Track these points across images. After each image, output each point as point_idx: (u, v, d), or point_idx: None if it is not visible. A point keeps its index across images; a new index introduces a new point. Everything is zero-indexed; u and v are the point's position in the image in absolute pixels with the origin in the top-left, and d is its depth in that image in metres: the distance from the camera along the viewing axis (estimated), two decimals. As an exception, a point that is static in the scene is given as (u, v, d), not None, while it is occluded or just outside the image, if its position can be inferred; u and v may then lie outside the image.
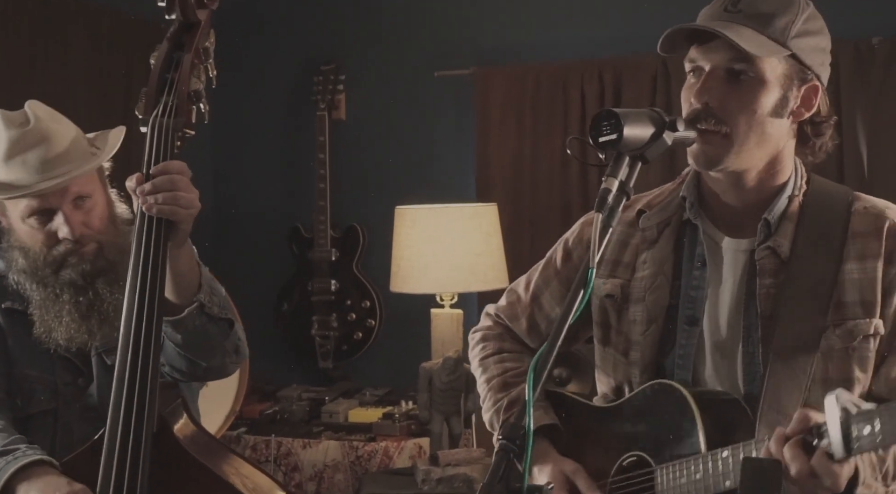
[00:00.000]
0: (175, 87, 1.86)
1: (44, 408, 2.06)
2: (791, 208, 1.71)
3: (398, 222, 3.76)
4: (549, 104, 4.09)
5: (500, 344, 1.99)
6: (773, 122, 1.65)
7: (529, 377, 1.38)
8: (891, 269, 1.65)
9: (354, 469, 3.74)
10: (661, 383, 1.72)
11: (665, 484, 1.64)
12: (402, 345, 4.28)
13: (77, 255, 2.02)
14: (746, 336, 1.70)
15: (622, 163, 1.49)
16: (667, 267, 1.78)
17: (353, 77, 4.43)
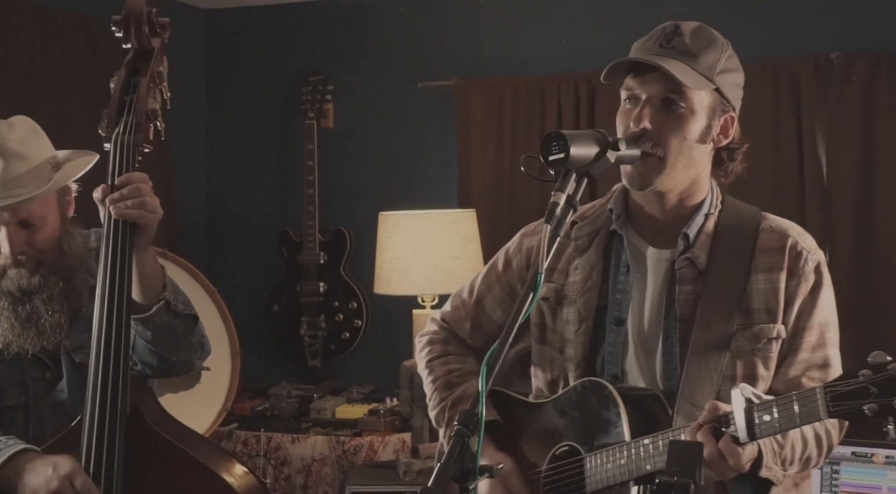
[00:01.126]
0: (134, 107, 2.00)
1: (15, 402, 2.14)
2: (707, 225, 1.89)
3: (381, 226, 3.88)
4: (527, 115, 4.19)
5: (445, 347, 2.13)
6: (699, 147, 1.83)
7: (483, 370, 1.51)
8: (791, 281, 1.84)
9: (341, 463, 3.85)
10: (591, 380, 1.88)
11: (593, 470, 1.81)
12: (386, 344, 4.38)
13: (15, 269, 2.09)
14: (666, 337, 1.86)
15: (569, 179, 1.66)
16: (596, 273, 1.95)
17: (340, 88, 4.53)
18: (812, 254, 1.87)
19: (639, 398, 1.84)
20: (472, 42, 4.40)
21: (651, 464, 1.72)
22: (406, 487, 3.41)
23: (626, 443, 1.76)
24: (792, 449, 1.74)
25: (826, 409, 1.51)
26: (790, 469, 1.75)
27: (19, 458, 1.93)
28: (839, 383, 1.51)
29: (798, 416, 1.55)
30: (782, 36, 3.90)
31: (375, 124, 4.57)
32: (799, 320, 1.84)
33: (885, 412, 1.45)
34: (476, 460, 1.51)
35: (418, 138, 4.50)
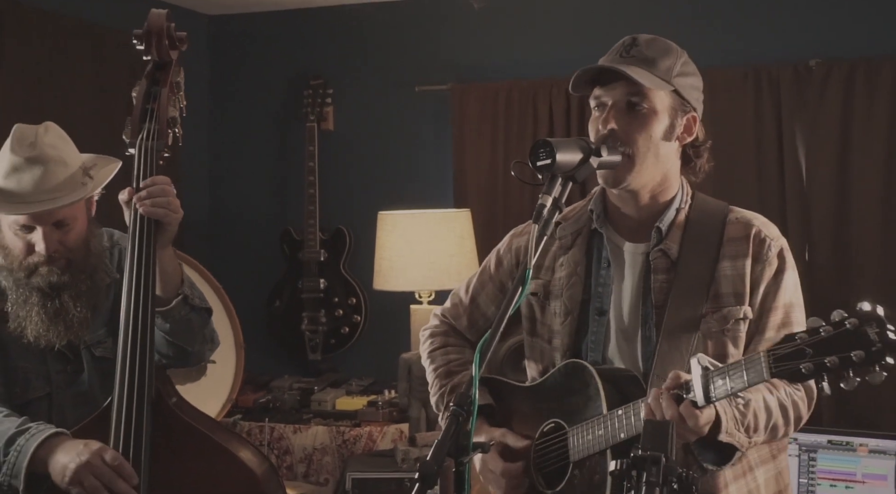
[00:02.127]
0: (155, 115, 2.15)
1: (39, 394, 2.27)
2: (678, 219, 2.03)
3: (380, 225, 3.99)
4: (520, 118, 4.28)
5: (445, 339, 2.30)
6: (665, 144, 1.98)
7: (476, 357, 1.66)
8: (756, 266, 1.98)
9: (341, 452, 3.95)
10: (573, 362, 2.04)
11: (576, 442, 1.96)
12: (385, 339, 4.49)
13: (47, 266, 2.21)
14: (644, 323, 2.01)
15: (556, 183, 1.79)
16: (580, 268, 2.09)
17: (340, 91, 4.63)
18: (775, 241, 2.01)
19: (617, 377, 1.99)
20: (468, 48, 4.51)
21: (625, 432, 1.87)
22: (404, 473, 3.53)
23: (603, 415, 1.91)
24: (755, 417, 1.86)
25: (769, 370, 1.64)
26: (756, 437, 1.87)
27: (52, 441, 2.06)
28: (780, 346, 1.64)
29: (746, 378, 1.68)
30: (763, 43, 4.00)
31: (374, 127, 4.66)
32: (764, 301, 1.98)
33: (819, 370, 1.57)
34: (470, 437, 1.65)
35: (415, 140, 4.60)
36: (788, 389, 1.93)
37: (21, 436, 2.08)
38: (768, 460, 2.04)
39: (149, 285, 2.09)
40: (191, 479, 2.11)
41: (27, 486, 2.05)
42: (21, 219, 2.21)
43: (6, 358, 2.27)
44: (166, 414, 2.12)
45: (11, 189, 2.19)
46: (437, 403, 2.25)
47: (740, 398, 1.81)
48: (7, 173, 2.20)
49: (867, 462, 3.48)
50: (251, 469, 2.13)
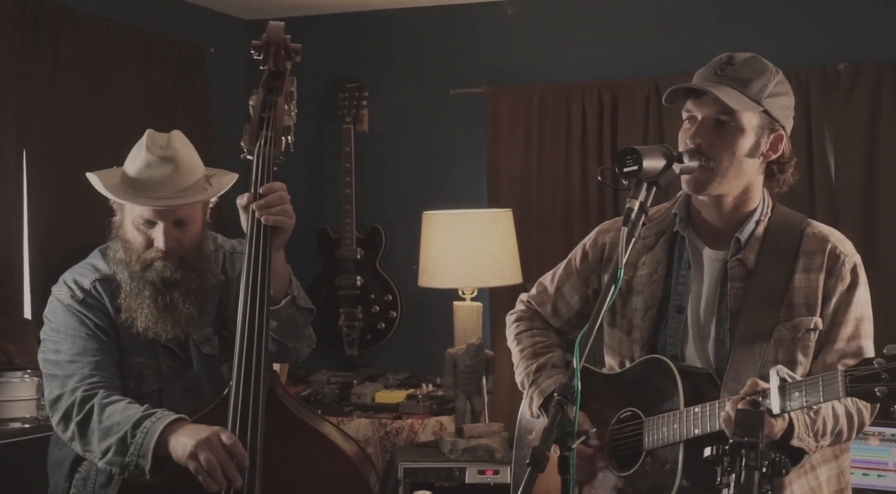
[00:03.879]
0: (271, 123, 2.27)
1: (152, 388, 2.38)
2: (758, 230, 2.11)
3: (425, 224, 4.08)
4: (553, 120, 4.38)
5: (530, 323, 2.42)
6: (748, 161, 2.06)
7: (576, 349, 1.78)
8: (829, 280, 2.06)
9: (384, 443, 4.05)
10: (654, 357, 2.14)
11: (651, 432, 2.07)
12: (421, 335, 4.59)
13: (162, 261, 2.32)
14: (719, 326, 2.10)
15: (641, 188, 1.90)
16: (661, 267, 2.18)
17: (375, 94, 4.71)
18: (849, 257, 2.08)
19: (693, 374, 2.09)
20: (501, 52, 4.60)
21: (699, 429, 1.97)
22: (453, 463, 3.64)
23: (680, 411, 2.02)
24: (824, 424, 1.95)
25: (845, 389, 1.73)
26: (822, 441, 1.96)
27: (176, 424, 2.19)
28: (857, 368, 1.72)
29: (822, 394, 1.77)
30: (793, 47, 4.09)
31: (408, 128, 4.75)
32: (836, 314, 2.06)
33: (892, 395, 1.68)
34: (574, 425, 1.78)
35: (449, 142, 4.69)
36: None
37: (147, 419, 2.20)
38: (830, 459, 2.13)
39: (265, 285, 2.20)
40: (298, 466, 2.23)
41: (153, 466, 2.17)
42: (147, 213, 2.32)
43: (123, 354, 2.38)
44: (277, 405, 2.24)
45: (143, 183, 2.31)
46: (521, 382, 2.36)
47: None
48: (141, 168, 2.32)
49: None
50: (350, 458, 2.27)
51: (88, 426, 2.25)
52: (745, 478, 1.66)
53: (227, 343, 2.39)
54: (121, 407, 2.24)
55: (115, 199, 2.36)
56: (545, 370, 2.32)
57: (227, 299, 2.47)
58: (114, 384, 2.33)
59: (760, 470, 1.67)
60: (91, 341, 2.34)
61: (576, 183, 4.36)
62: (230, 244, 2.55)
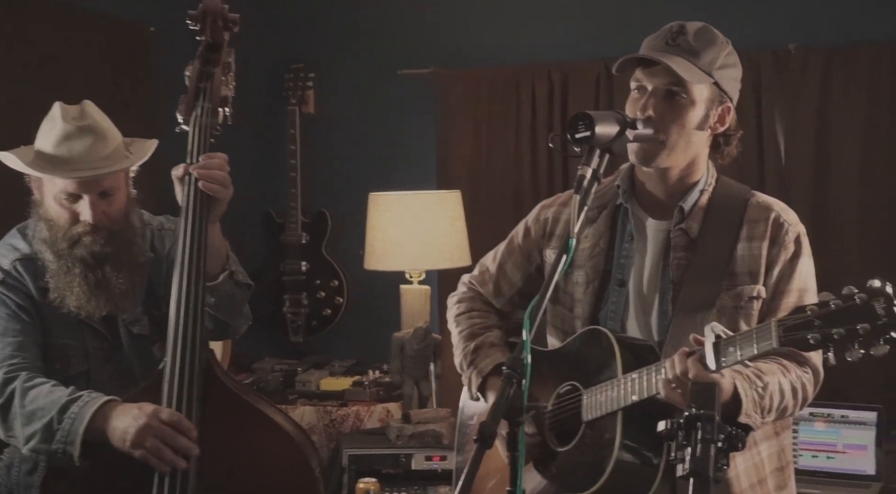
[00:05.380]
0: (208, 94, 2.24)
1: (78, 370, 2.31)
2: (701, 200, 2.10)
3: (372, 206, 4.01)
4: (503, 103, 4.32)
5: (471, 305, 2.39)
6: (697, 133, 2.06)
7: (526, 322, 1.75)
8: (773, 249, 2.06)
9: (329, 432, 3.97)
10: (592, 329, 2.12)
11: (589, 402, 2.04)
12: (368, 320, 4.51)
13: (91, 236, 2.27)
14: (662, 298, 2.09)
15: (594, 155, 1.87)
16: (603, 241, 2.17)
17: (321, 75, 4.62)
18: (793, 227, 2.09)
19: (634, 345, 2.07)
20: (450, 32, 4.54)
21: (636, 394, 1.94)
22: (400, 449, 3.58)
23: (617, 378, 1.99)
24: (770, 400, 1.95)
25: (779, 339, 1.72)
26: (768, 417, 1.96)
27: (106, 407, 2.10)
28: (790, 317, 1.72)
29: (756, 347, 1.76)
30: (743, 28, 4.07)
31: (355, 110, 4.67)
32: (778, 284, 2.05)
33: (826, 340, 1.65)
34: (524, 399, 1.73)
35: (398, 124, 4.61)
36: (798, 371, 2.02)
37: (75, 404, 2.11)
38: (771, 436, 2.12)
39: (201, 258, 2.14)
40: (238, 445, 2.17)
41: (82, 453, 2.07)
42: (70, 187, 2.25)
43: (47, 335, 2.30)
44: (215, 383, 2.17)
45: (63, 156, 2.23)
46: (460, 364, 2.33)
47: (759, 381, 1.92)
48: (58, 141, 2.24)
49: (848, 432, 3.59)
50: (292, 437, 2.20)
51: (10, 411, 2.16)
52: (702, 452, 1.61)
53: (159, 323, 2.31)
54: (45, 390, 2.15)
55: (38, 174, 2.27)
56: (483, 350, 2.27)
57: (157, 277, 2.40)
58: (37, 367, 2.24)
59: (717, 444, 1.62)
60: (12, 321, 2.25)
61: (526, 165, 4.33)
62: (158, 221, 2.48)
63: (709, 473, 1.59)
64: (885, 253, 3.83)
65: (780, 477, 2.14)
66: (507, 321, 2.40)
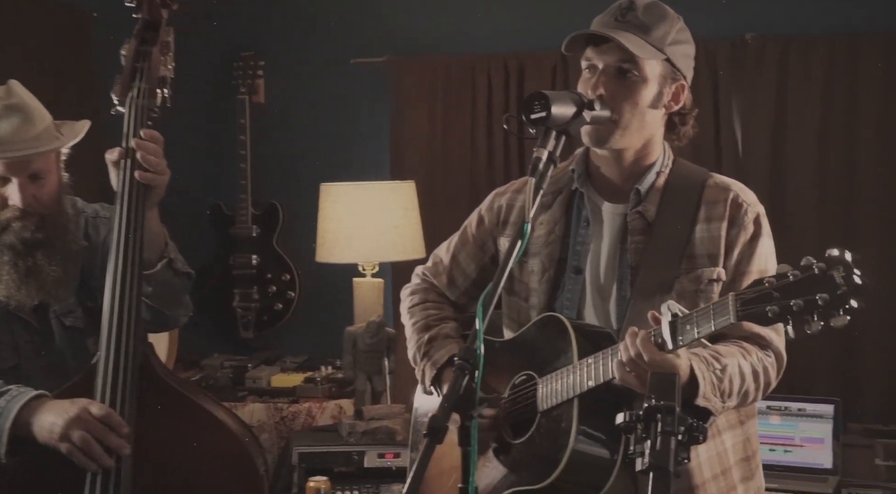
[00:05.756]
0: (145, 74, 2.15)
1: (8, 365, 2.22)
2: (658, 182, 2.05)
3: (323, 196, 3.93)
4: (459, 92, 4.28)
5: (424, 296, 2.32)
6: (650, 112, 2.00)
7: (479, 309, 1.67)
8: (732, 230, 2.00)
9: (279, 429, 3.90)
10: (548, 315, 2.05)
11: (544, 391, 1.98)
12: (321, 315, 4.43)
13: (21, 222, 2.17)
14: (620, 283, 2.04)
15: (550, 136, 1.79)
16: (559, 227, 2.11)
17: (272, 63, 4.53)
18: (752, 207, 2.03)
19: (590, 332, 2.01)
20: (404, 21, 4.47)
21: (592, 380, 1.88)
22: (352, 447, 3.51)
23: (573, 364, 1.93)
24: (730, 383, 1.88)
25: (736, 313, 1.66)
26: (729, 402, 1.89)
27: (34, 402, 2.01)
28: (747, 290, 1.66)
29: (713, 322, 1.70)
30: (700, 18, 4.04)
31: (307, 99, 4.59)
32: (738, 266, 2.00)
33: (784, 312, 1.60)
34: (476, 391, 1.65)
35: (351, 114, 4.55)
36: (760, 354, 1.96)
37: (1, 398, 2.02)
38: (736, 425, 2.07)
39: (136, 246, 2.06)
40: (178, 442, 2.09)
41: (10, 449, 1.99)
42: None
43: None
44: (152, 376, 2.09)
45: None
46: (413, 356, 2.27)
47: (718, 364, 1.86)
48: None
49: (805, 425, 3.57)
50: (235, 434, 2.12)
51: None
52: (662, 444, 1.54)
53: (93, 315, 2.21)
54: None
55: None
56: (437, 342, 2.21)
57: (91, 267, 2.30)
58: None
59: (677, 436, 1.55)
60: None
61: (481, 155, 4.28)
62: (92, 208, 2.38)
63: (669, 467, 1.52)
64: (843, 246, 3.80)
65: (746, 468, 2.09)
66: (463, 314, 2.33)
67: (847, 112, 3.85)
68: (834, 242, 3.80)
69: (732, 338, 1.95)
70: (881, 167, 3.82)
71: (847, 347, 3.83)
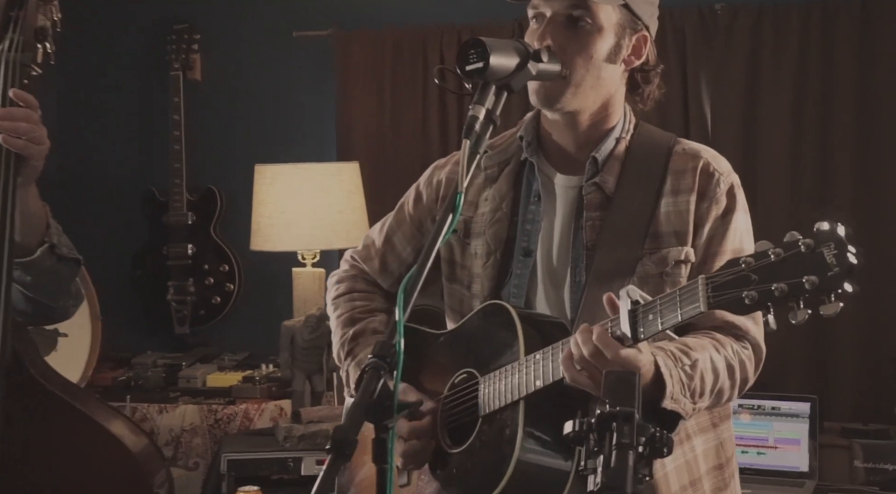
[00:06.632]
0: (20, 24, 1.92)
1: None
2: (618, 149, 1.84)
3: (258, 179, 3.76)
4: (409, 67, 4.12)
5: (352, 285, 2.08)
6: (608, 67, 1.78)
7: (400, 297, 1.44)
8: (702, 203, 1.78)
9: (213, 433, 3.72)
10: (491, 303, 1.83)
11: (486, 391, 1.75)
12: (262, 308, 4.27)
13: None
14: (574, 266, 1.82)
15: (489, 92, 1.57)
16: (506, 203, 1.89)
17: (208, 37, 4.35)
18: (725, 176, 1.81)
19: (540, 322, 1.79)
20: (350, -10, 4.30)
21: (541, 380, 1.66)
22: (287, 453, 3.31)
23: (519, 361, 1.71)
24: (702, 380, 1.66)
25: (707, 300, 1.45)
26: (700, 403, 1.68)
27: None
28: (720, 273, 1.45)
29: (680, 311, 1.49)
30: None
31: (247, 76, 4.42)
32: (710, 245, 1.79)
33: (765, 299, 1.38)
34: (395, 395, 1.40)
35: (293, 91, 4.38)
36: (735, 346, 1.74)
37: None
38: (708, 429, 1.85)
39: (7, 228, 1.83)
40: (54, 453, 1.92)
41: None
42: None
43: None
44: (24, 380, 1.92)
45: None
46: (337, 353, 2.03)
47: (687, 359, 1.65)
48: None
49: (779, 425, 3.41)
50: (125, 445, 1.93)
51: None
52: (618, 459, 1.29)
53: None
54: None
55: None
56: (363, 338, 1.98)
57: None
58: None
59: (636, 449, 1.30)
60: None
61: (434, 136, 4.09)
62: None
63: (626, 488, 1.26)
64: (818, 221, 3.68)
65: (719, 477, 1.87)
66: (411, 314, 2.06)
67: (823, 84, 3.73)
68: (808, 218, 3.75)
69: (703, 328, 1.74)
70: (857, 141, 3.70)
71: (822, 338, 3.68)
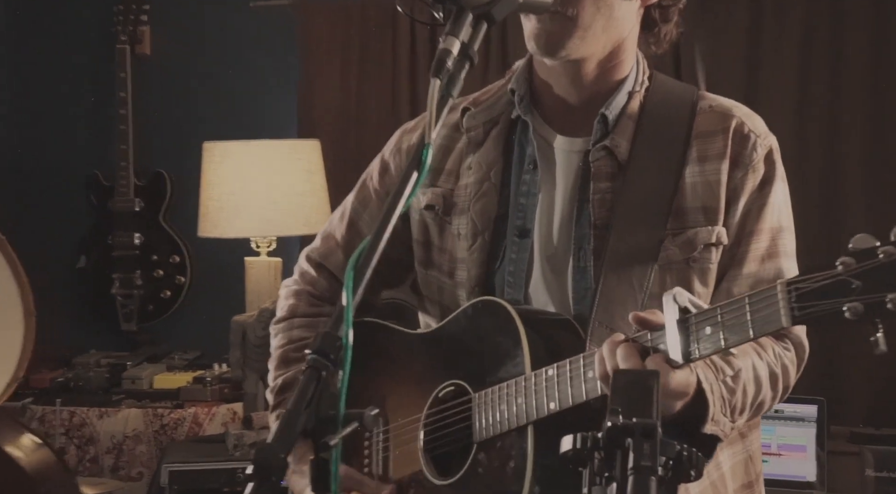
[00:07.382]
0: None
1: None
2: (631, 106, 1.60)
3: (206, 158, 3.54)
4: (377, 39, 3.96)
5: (295, 305, 1.80)
6: (622, 4, 1.54)
7: (348, 276, 1.16)
8: (736, 172, 1.55)
9: (159, 439, 3.53)
10: (484, 300, 1.59)
11: (483, 412, 1.52)
12: (216, 303, 4.05)
13: None
14: (578, 249, 1.59)
15: (464, 21, 1.31)
16: (494, 172, 1.65)
17: (158, 7, 4.15)
18: (762, 139, 1.57)
19: (545, 322, 1.57)
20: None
21: (556, 402, 1.43)
22: (237, 463, 3.07)
23: (525, 377, 1.47)
24: (743, 394, 1.45)
25: (790, 313, 1.19)
26: (739, 420, 1.47)
27: None
28: (808, 277, 1.18)
29: (751, 325, 1.24)
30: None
31: (200, 50, 4.23)
32: (745, 222, 1.56)
33: (873, 313, 1.11)
34: (340, 403, 1.13)
35: (251, 66, 4.19)
36: (777, 348, 1.54)
37: None
38: (735, 440, 1.61)
39: None
40: None
41: None
42: None
43: None
44: None
45: None
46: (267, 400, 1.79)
47: (729, 369, 1.43)
48: None
49: (783, 430, 3.22)
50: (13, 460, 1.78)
51: None
52: (636, 487, 1.02)
53: None
54: None
55: None
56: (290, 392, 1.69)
57: None
58: None
59: (657, 473, 1.03)
60: None
61: (404, 112, 3.88)
62: None
63: None
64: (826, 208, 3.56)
65: None
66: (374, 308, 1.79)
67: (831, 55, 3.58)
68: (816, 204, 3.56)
69: None
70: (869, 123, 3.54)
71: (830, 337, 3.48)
